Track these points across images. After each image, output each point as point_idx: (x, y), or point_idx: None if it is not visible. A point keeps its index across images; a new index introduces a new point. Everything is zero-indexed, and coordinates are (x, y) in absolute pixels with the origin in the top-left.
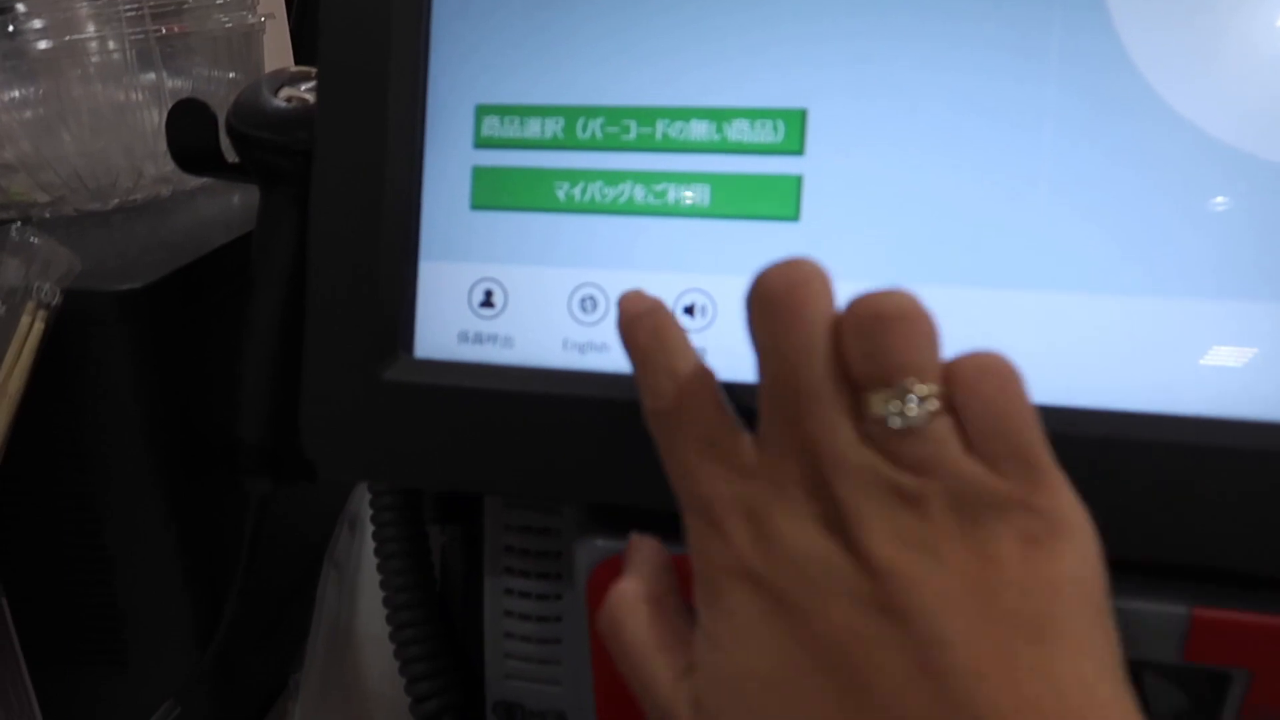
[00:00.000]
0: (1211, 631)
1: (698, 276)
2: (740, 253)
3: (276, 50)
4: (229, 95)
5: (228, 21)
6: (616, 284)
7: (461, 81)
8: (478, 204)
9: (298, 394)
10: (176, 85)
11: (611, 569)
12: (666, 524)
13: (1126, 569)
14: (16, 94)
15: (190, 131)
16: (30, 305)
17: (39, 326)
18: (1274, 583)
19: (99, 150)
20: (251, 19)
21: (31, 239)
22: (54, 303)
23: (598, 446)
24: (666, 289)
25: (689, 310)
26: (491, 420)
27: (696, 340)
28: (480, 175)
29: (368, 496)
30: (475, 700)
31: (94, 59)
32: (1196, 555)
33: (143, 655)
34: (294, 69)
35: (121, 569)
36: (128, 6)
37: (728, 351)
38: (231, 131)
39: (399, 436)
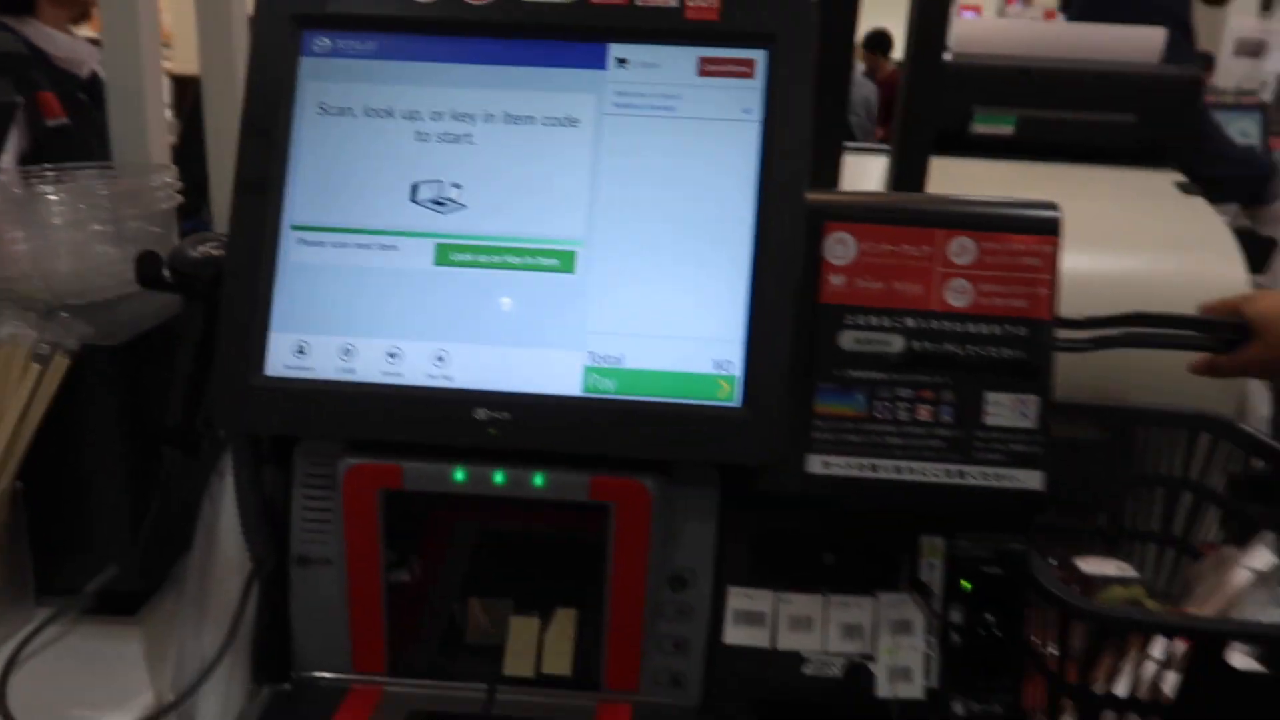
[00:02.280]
0: (598, 486)
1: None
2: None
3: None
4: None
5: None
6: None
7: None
8: (296, 300)
9: (200, 400)
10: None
11: (356, 474)
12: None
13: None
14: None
15: (148, 266)
16: (59, 353)
17: (65, 362)
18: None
19: (77, 269)
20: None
21: (61, 314)
22: (74, 349)
23: (352, 409)
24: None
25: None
26: (302, 400)
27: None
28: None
29: (230, 456)
30: (284, 556)
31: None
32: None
33: (104, 544)
34: (209, 235)
35: (96, 499)
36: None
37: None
38: (171, 268)
39: (260, 410)
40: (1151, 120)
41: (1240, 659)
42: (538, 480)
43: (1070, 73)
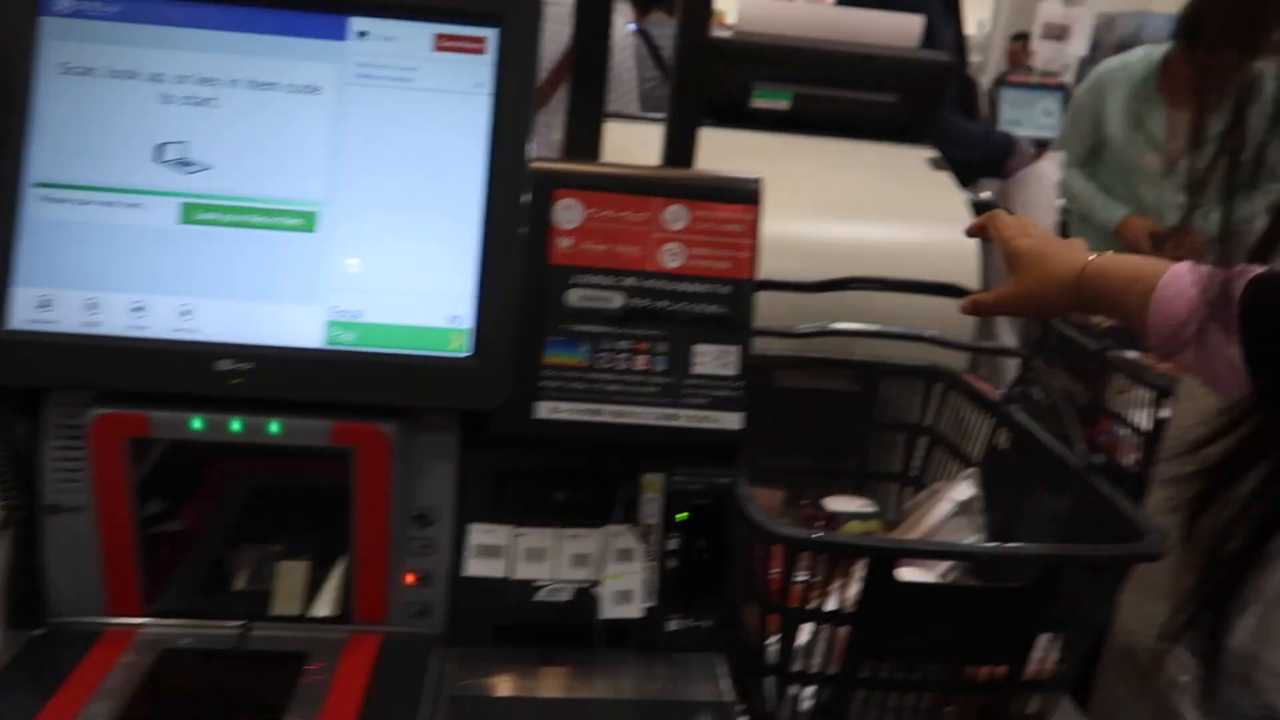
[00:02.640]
0: (339, 432)
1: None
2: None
3: None
4: None
5: None
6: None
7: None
8: (39, 256)
9: None
10: None
11: (102, 423)
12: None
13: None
14: None
15: None
16: None
17: None
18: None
19: None
20: None
21: None
22: None
23: (97, 361)
24: None
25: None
26: (46, 352)
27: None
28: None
29: None
30: (35, 504)
31: None
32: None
33: None
34: None
35: None
36: None
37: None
38: None
39: (3, 362)
40: (909, 100)
41: (908, 572)
42: (273, 427)
43: (839, 54)
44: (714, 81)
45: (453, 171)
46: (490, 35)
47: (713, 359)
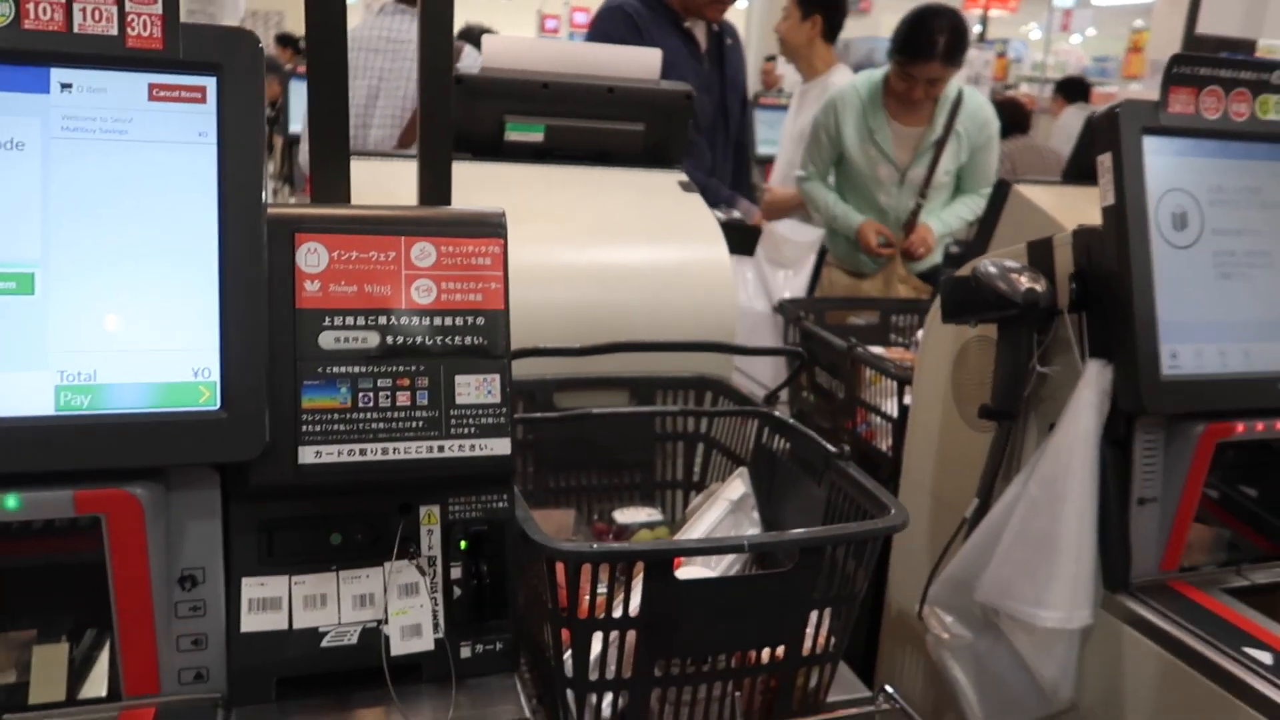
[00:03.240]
0: (83, 500)
1: None
2: None
3: None
4: None
5: None
6: None
7: None
8: None
9: None
10: None
11: None
12: None
13: None
14: None
15: None
16: None
17: None
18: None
19: None
20: None
21: None
22: None
23: None
24: None
25: None
26: None
27: None
28: None
29: None
30: None
31: None
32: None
33: None
34: None
35: None
36: None
37: None
38: None
39: None
40: (655, 128)
41: (692, 571)
42: (10, 502)
43: (584, 87)
44: (468, 117)
45: (183, 222)
46: (209, 83)
47: (475, 388)
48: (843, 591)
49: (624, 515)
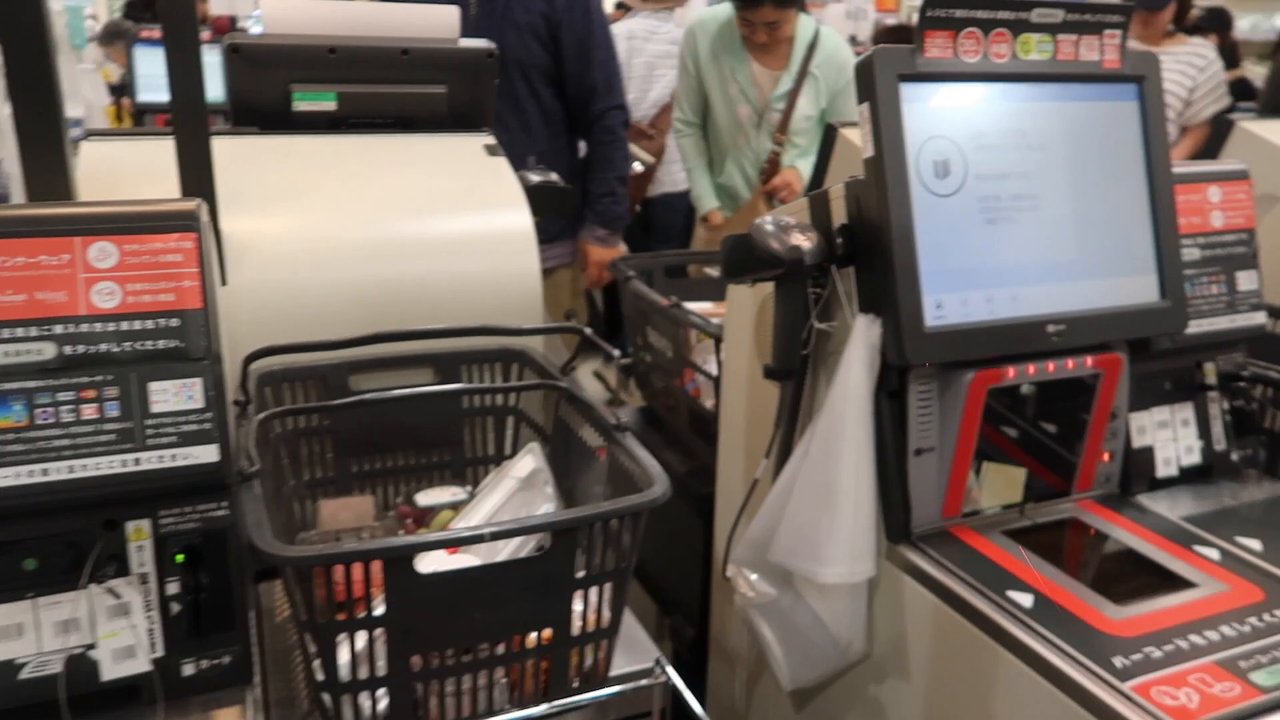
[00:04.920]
0: None
1: None
2: None
3: None
4: None
5: None
6: None
7: None
8: None
9: None
10: None
11: None
12: None
13: None
14: None
15: None
16: None
17: None
18: None
19: None
20: None
21: None
22: None
23: None
24: None
25: None
26: None
27: None
28: None
29: None
30: None
31: None
32: None
33: None
34: None
35: None
36: None
37: None
38: None
39: None
40: (458, 90)
41: (426, 562)
42: None
43: (377, 50)
44: (251, 88)
45: None
46: None
47: (173, 395)
48: (611, 568)
49: (427, 497)
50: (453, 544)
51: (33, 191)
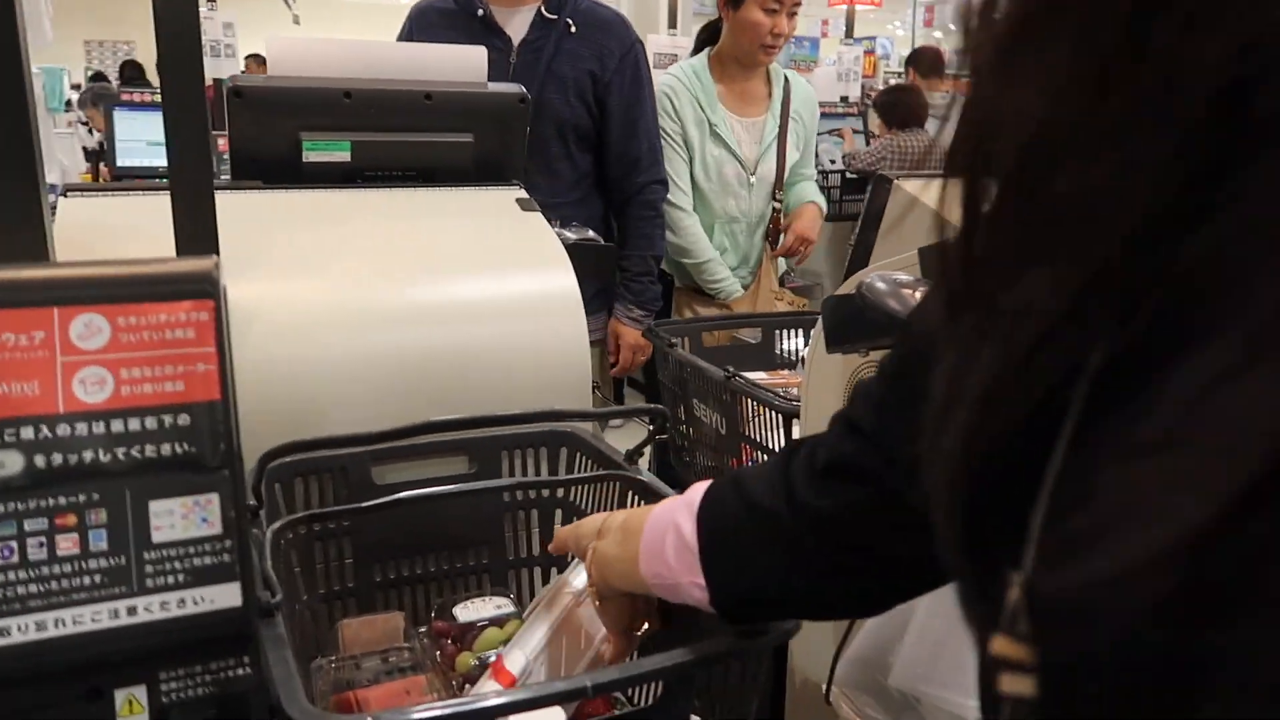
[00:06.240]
0: None
1: None
2: None
3: None
4: None
5: None
6: None
7: None
8: None
9: None
10: None
11: None
12: None
13: None
14: None
15: None
16: None
17: None
18: None
19: None
20: None
21: None
22: None
23: None
24: None
25: None
26: None
27: None
28: None
29: None
30: None
31: None
32: None
33: None
34: None
35: None
36: None
37: None
38: None
39: None
40: (486, 139)
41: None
42: None
43: (397, 94)
44: (255, 137)
45: None
46: None
47: (181, 517)
48: (728, 710)
49: (467, 611)
50: (545, 703)
51: (2, 254)
